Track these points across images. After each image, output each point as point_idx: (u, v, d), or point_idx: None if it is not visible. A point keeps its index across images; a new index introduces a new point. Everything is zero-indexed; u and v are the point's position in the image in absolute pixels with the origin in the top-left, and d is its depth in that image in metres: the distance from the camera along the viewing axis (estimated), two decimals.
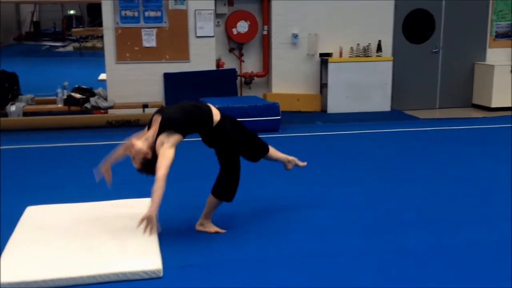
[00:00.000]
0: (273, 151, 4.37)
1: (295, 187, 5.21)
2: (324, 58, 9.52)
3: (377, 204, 4.71)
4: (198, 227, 4.10)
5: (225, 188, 4.00)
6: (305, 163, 4.56)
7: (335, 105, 9.42)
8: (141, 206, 4.31)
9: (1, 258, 3.36)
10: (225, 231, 4.09)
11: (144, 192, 4.79)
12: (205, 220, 4.10)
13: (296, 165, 4.53)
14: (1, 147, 6.94)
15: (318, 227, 4.19)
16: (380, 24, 9.68)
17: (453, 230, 4.11)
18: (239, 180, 4.03)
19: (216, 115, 3.89)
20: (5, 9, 27.87)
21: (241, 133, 4.07)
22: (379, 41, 9.60)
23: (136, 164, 3.64)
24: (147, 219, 3.34)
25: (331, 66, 9.34)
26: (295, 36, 9.48)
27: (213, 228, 4.08)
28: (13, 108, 8.21)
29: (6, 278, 3.10)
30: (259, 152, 4.29)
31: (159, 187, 3.41)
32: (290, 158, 4.50)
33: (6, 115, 8.17)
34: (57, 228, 3.87)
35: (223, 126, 3.89)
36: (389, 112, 9.49)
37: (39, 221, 4.01)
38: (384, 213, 4.48)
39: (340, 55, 9.56)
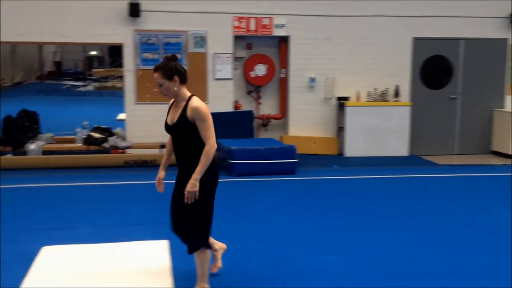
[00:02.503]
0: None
1: (310, 232, 5.13)
2: (341, 102, 9.55)
3: (394, 251, 4.61)
4: None
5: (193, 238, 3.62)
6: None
7: (352, 149, 9.39)
8: (154, 248, 4.29)
9: None
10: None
11: (156, 234, 4.78)
12: (203, 284, 3.67)
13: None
14: (21, 185, 7.00)
15: (333, 274, 4.10)
16: (397, 69, 9.74)
17: (471, 280, 3.98)
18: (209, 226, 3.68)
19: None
20: (28, 49, 28.68)
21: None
22: (397, 86, 9.63)
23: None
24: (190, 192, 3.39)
25: (348, 110, 9.36)
26: (313, 80, 9.56)
27: None
28: (32, 146, 8.31)
29: None
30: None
31: (211, 155, 3.43)
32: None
33: (25, 153, 8.26)
34: (71, 270, 3.83)
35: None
36: (406, 157, 9.42)
37: (54, 262, 3.99)
38: (401, 261, 4.37)
39: (358, 99, 9.59)
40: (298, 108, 9.63)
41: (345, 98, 9.57)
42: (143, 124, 9.05)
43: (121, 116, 13.65)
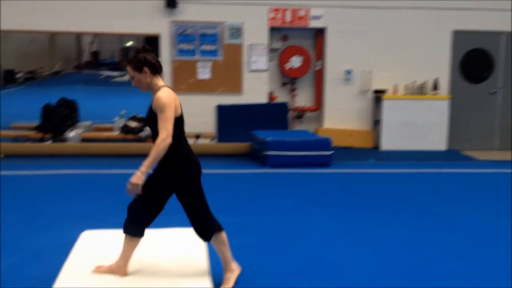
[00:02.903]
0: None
1: (341, 228, 5.10)
2: (378, 95, 9.43)
3: (425, 250, 4.49)
4: None
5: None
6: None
7: (388, 142, 9.27)
8: (192, 235, 4.33)
9: (56, 284, 3.42)
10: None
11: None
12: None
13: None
14: (62, 171, 7.16)
15: (362, 271, 4.06)
16: (436, 63, 9.55)
17: (500, 283, 3.85)
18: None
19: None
20: (66, 39, 29.26)
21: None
22: (436, 79, 9.44)
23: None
24: (132, 184, 3.32)
25: (385, 103, 9.23)
26: (349, 72, 9.46)
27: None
28: (72, 134, 8.50)
29: None
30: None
31: (162, 149, 3.28)
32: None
33: (65, 140, 8.45)
34: (111, 254, 3.91)
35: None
36: (444, 151, 9.24)
37: (94, 246, 4.08)
38: (431, 260, 4.27)
39: (395, 92, 9.45)
40: (333, 101, 9.55)
41: (382, 91, 9.44)
42: None
43: None
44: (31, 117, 10.61)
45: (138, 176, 3.33)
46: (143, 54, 3.43)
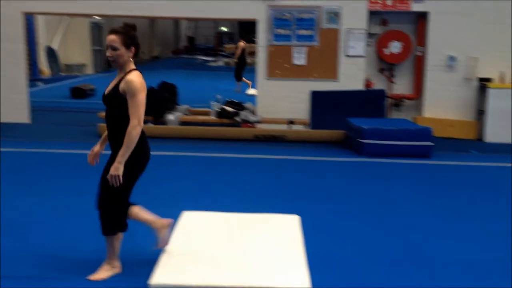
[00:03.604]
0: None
1: (440, 222, 4.87)
2: (483, 83, 8.86)
3: None
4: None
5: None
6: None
7: (493, 134, 8.71)
8: (286, 222, 4.34)
9: (160, 260, 3.56)
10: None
11: (286, 208, 4.82)
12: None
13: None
14: (162, 153, 7.45)
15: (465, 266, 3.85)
16: None
17: None
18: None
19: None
20: (164, 25, 30.33)
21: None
22: None
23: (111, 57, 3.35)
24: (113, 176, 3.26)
25: (491, 92, 8.66)
26: (452, 58, 8.97)
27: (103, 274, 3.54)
28: (171, 117, 8.79)
29: (160, 280, 3.26)
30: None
31: (134, 136, 3.25)
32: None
33: (164, 123, 8.77)
34: (211, 236, 4.00)
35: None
36: None
37: (194, 227, 4.20)
38: None
39: (502, 81, 8.84)
40: (434, 88, 9.12)
41: (488, 80, 8.87)
42: (273, 100, 9.15)
43: (250, 91, 14.01)
44: None
45: (116, 167, 3.26)
46: (135, 32, 3.40)
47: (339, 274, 3.70)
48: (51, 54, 18.74)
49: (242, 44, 15.68)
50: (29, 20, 15.49)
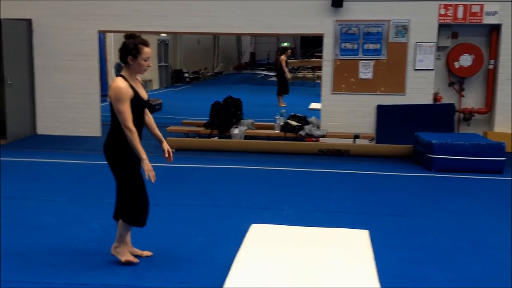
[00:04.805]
0: None
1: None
2: None
3: None
4: (112, 251, 4.00)
5: (124, 211, 3.90)
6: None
7: None
8: (355, 236, 4.27)
9: (231, 271, 3.59)
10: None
11: (355, 223, 4.76)
12: (117, 243, 3.97)
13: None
14: (228, 166, 7.55)
15: None
16: None
17: None
18: (144, 204, 3.89)
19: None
20: (227, 41, 30.87)
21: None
22: None
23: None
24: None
25: None
26: None
27: (124, 257, 3.93)
28: (236, 131, 8.91)
29: None
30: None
31: (130, 139, 3.77)
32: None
33: (229, 137, 8.89)
34: (280, 249, 4.00)
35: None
36: None
37: (263, 239, 4.21)
38: None
39: None
40: (507, 102, 8.79)
41: None
42: (338, 114, 9.10)
43: (314, 105, 13.96)
44: (196, 113, 11.39)
45: (145, 163, 3.72)
46: None
47: None
48: (120, 70, 19.46)
49: (283, 57, 15.60)
50: (100, 38, 16.19)
